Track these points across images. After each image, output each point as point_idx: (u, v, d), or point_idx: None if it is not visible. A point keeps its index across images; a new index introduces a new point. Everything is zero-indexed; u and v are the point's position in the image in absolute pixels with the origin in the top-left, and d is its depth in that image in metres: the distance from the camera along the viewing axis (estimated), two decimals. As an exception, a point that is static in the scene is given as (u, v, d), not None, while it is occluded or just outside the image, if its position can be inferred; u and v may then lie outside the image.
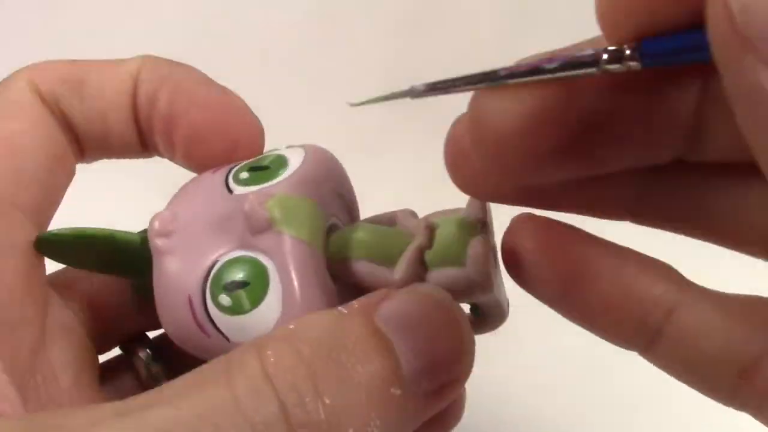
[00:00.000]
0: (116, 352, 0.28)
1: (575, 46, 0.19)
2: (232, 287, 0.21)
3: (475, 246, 0.22)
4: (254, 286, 0.21)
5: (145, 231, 0.23)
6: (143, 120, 0.25)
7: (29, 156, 0.24)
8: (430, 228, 0.23)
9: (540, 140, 0.18)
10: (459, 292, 0.22)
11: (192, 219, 0.23)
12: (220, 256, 0.22)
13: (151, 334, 0.28)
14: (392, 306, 0.20)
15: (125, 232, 0.24)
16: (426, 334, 0.20)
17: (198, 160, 0.25)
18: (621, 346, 0.22)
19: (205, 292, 0.22)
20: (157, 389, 0.19)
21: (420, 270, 0.22)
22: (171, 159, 0.26)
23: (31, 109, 0.24)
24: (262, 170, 0.23)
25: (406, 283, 0.22)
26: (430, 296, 0.21)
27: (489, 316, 0.24)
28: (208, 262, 0.22)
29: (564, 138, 0.19)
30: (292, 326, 0.19)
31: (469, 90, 0.18)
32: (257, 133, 0.26)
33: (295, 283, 0.21)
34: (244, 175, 0.23)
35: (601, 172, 0.20)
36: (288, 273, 0.21)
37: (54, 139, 0.25)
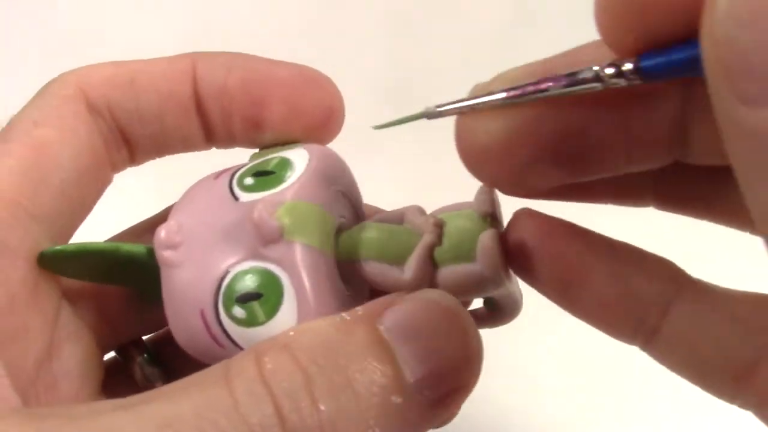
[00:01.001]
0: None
1: (568, 56, 0.19)
2: (245, 299, 0.21)
3: (484, 241, 0.21)
4: (268, 297, 0.21)
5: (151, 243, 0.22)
6: (213, 111, 0.25)
7: (57, 167, 0.23)
8: (439, 224, 0.22)
9: (520, 154, 0.19)
10: (471, 287, 0.22)
11: (198, 228, 0.22)
12: (230, 267, 0.22)
13: (147, 338, 0.28)
14: (396, 313, 0.20)
15: (130, 244, 0.23)
16: (430, 342, 0.19)
17: (297, 134, 0.25)
18: (622, 341, 0.22)
19: (218, 304, 0.21)
20: (158, 388, 0.19)
21: (431, 268, 0.22)
22: (237, 145, 0.26)
23: (72, 118, 0.24)
24: (267, 175, 0.23)
25: (417, 281, 0.22)
26: (435, 302, 0.20)
27: (503, 308, 0.24)
28: (219, 274, 0.22)
29: (545, 151, 0.19)
30: (291, 333, 0.19)
31: (478, 108, 0.19)
32: (341, 99, 0.26)
33: (309, 293, 0.21)
34: (249, 180, 0.23)
35: (591, 178, 0.20)
36: (302, 283, 0.21)
37: (89, 150, 0.24)
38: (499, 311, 0.24)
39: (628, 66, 0.17)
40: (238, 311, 0.21)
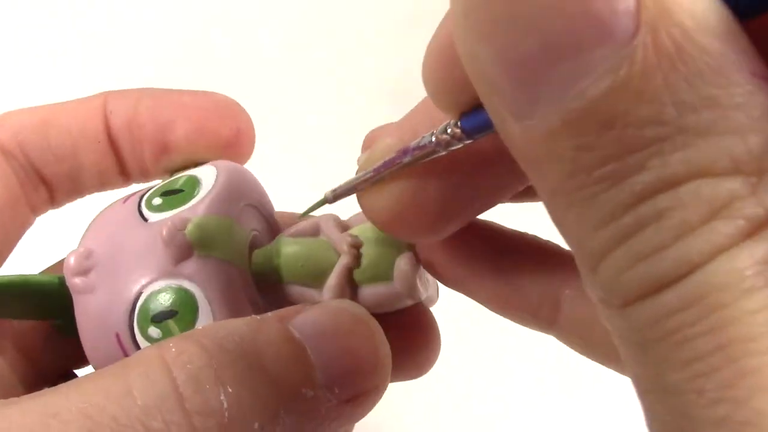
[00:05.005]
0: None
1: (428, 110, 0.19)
2: (160, 318, 0.21)
3: (400, 264, 0.22)
4: (183, 315, 0.21)
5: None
6: (125, 142, 0.25)
7: None
8: (356, 245, 0.23)
9: (421, 216, 0.19)
10: (390, 304, 0.23)
11: (108, 252, 0.22)
12: (143, 287, 0.21)
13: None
14: (306, 317, 0.20)
15: (40, 275, 0.23)
16: (339, 344, 0.20)
17: (204, 154, 0.25)
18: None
19: (133, 326, 0.21)
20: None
21: (349, 289, 0.23)
22: (152, 178, 0.26)
23: None
24: (175, 194, 0.23)
25: None
26: (344, 309, 0.21)
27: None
28: (132, 295, 0.21)
29: (443, 205, 0.19)
30: (200, 327, 0.20)
31: (360, 189, 0.20)
32: (249, 120, 0.26)
33: (224, 307, 0.21)
34: (157, 201, 0.23)
35: (497, 204, 0.21)
36: (216, 297, 0.21)
37: (4, 190, 0.24)
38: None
39: (453, 128, 0.17)
40: (154, 331, 0.21)
